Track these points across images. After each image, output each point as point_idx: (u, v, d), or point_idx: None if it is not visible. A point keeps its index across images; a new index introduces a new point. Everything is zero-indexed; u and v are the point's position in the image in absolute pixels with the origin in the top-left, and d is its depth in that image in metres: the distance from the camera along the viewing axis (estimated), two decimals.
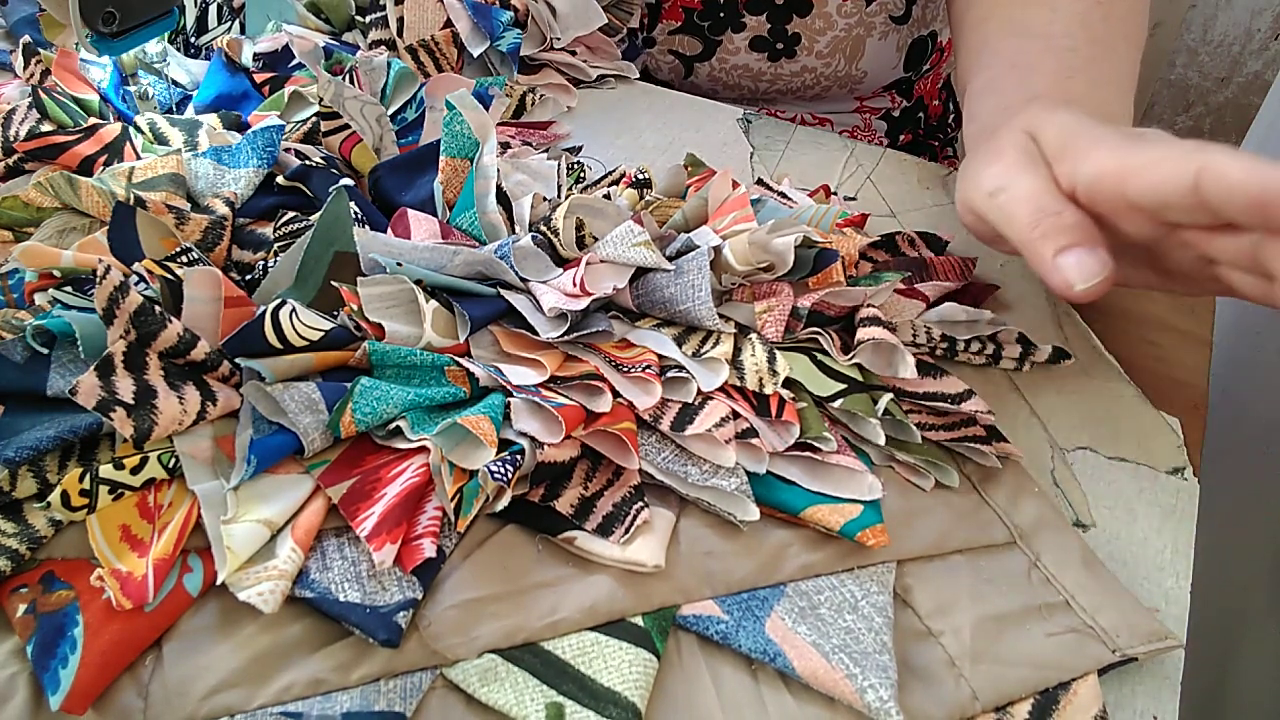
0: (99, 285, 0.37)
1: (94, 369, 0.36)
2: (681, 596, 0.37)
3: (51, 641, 0.33)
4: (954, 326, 0.48)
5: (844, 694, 0.34)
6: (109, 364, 0.36)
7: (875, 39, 0.80)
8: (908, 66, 0.85)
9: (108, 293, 0.37)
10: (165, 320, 0.38)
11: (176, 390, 0.38)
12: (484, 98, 0.61)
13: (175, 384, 0.38)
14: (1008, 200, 0.41)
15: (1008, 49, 0.58)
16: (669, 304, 0.44)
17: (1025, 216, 0.40)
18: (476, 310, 0.43)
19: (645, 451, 0.41)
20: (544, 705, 0.33)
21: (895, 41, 0.82)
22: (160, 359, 0.38)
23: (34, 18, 0.63)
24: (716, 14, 0.78)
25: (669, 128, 0.66)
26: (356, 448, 0.40)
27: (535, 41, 0.68)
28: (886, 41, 0.81)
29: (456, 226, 0.49)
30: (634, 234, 0.44)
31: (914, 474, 0.43)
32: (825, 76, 0.82)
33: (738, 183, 0.52)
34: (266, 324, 0.40)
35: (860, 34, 0.80)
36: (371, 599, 0.35)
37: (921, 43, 0.85)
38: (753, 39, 0.79)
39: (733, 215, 0.47)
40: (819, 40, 0.79)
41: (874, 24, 0.79)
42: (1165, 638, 0.37)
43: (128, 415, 0.36)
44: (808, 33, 0.79)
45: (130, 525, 0.36)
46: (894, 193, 0.62)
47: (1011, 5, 0.60)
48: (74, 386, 0.35)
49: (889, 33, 0.81)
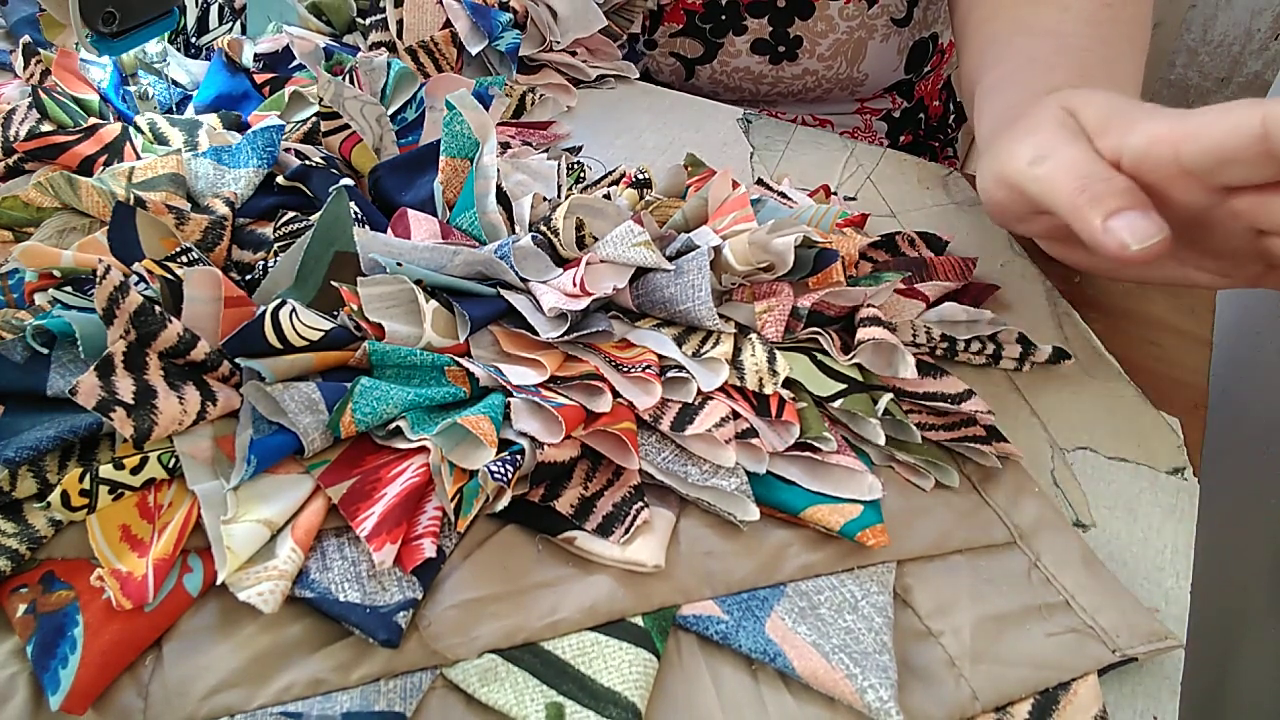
0: (99, 285, 0.37)
1: (94, 369, 0.36)
2: (681, 596, 0.37)
3: (51, 641, 0.33)
4: (954, 326, 0.48)
5: (844, 694, 0.34)
6: (109, 364, 0.36)
7: (877, 41, 0.80)
8: (909, 69, 0.85)
9: (107, 293, 0.37)
10: (165, 320, 0.38)
11: (176, 390, 0.38)
12: (484, 98, 0.61)
13: (175, 384, 0.38)
14: (1053, 168, 0.40)
15: (1021, 46, 0.57)
16: (669, 304, 0.44)
17: (1071, 182, 0.39)
18: (476, 310, 0.43)
19: (645, 451, 0.41)
20: (544, 705, 0.33)
21: (896, 44, 0.82)
22: (160, 359, 0.38)
23: (34, 18, 0.63)
24: (718, 16, 0.78)
25: (669, 128, 0.66)
26: (356, 448, 0.40)
27: (535, 42, 0.68)
28: (888, 44, 0.81)
29: (456, 226, 0.49)
30: (634, 234, 0.44)
31: (914, 474, 0.43)
32: (826, 79, 0.82)
33: (738, 182, 0.52)
34: (266, 324, 0.40)
35: (862, 36, 0.79)
36: (371, 599, 0.35)
37: (922, 45, 0.85)
38: (754, 41, 0.79)
39: (733, 215, 0.47)
40: (820, 43, 0.79)
41: (875, 26, 0.79)
42: (1165, 638, 0.37)
43: (128, 415, 0.36)
44: (809, 35, 0.79)
45: (130, 525, 0.36)
46: (894, 193, 0.62)
47: (1020, 4, 0.59)
48: (74, 387, 0.35)
49: (890, 35, 0.81)
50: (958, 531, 0.40)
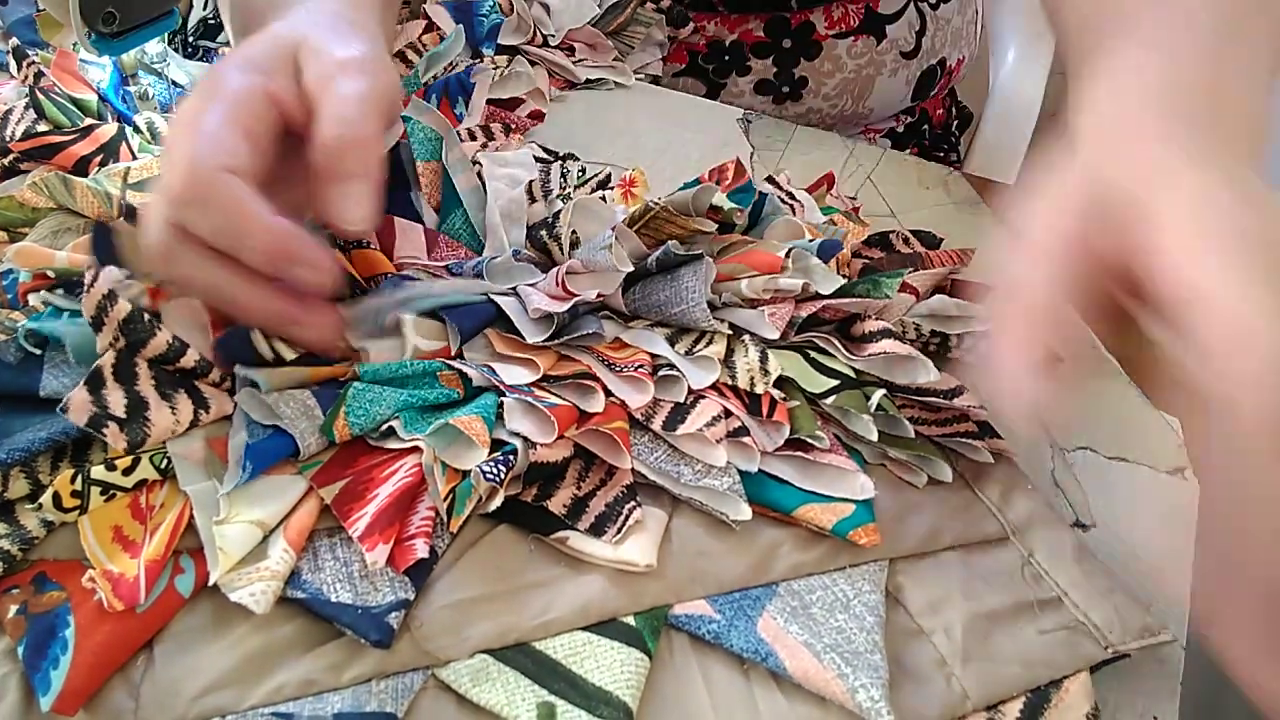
0: (87, 293, 0.36)
1: (84, 384, 0.36)
2: (673, 596, 0.37)
3: (43, 642, 0.33)
4: (946, 321, 0.48)
5: (835, 694, 0.34)
6: (99, 377, 0.36)
7: (885, 76, 0.79)
8: (916, 96, 0.83)
9: (95, 300, 0.37)
10: (154, 328, 0.38)
11: (168, 400, 0.38)
12: (466, 83, 0.60)
13: (167, 393, 0.38)
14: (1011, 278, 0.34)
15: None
16: (664, 306, 0.44)
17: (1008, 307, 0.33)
18: (467, 321, 0.43)
19: (638, 451, 0.41)
20: (535, 705, 0.33)
21: (904, 76, 0.80)
22: (150, 366, 0.38)
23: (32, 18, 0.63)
24: (721, 57, 0.77)
25: (669, 128, 0.66)
26: (349, 448, 0.40)
27: (521, 33, 0.67)
28: (896, 77, 0.79)
29: (446, 231, 0.49)
30: (604, 239, 0.44)
31: (906, 471, 0.42)
32: (831, 115, 0.81)
33: (745, 170, 0.52)
34: (257, 335, 0.39)
35: (869, 74, 0.78)
36: (363, 599, 0.35)
37: (931, 71, 0.83)
38: (758, 82, 0.78)
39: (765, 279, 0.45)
40: (826, 83, 0.77)
41: (884, 62, 0.78)
42: (1159, 633, 0.37)
43: (120, 430, 0.36)
44: (815, 76, 0.77)
45: (122, 526, 0.36)
46: (894, 193, 0.61)
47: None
48: (65, 404, 0.35)
49: (899, 69, 0.79)
50: (950, 527, 0.40)
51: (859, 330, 0.45)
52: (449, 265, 0.47)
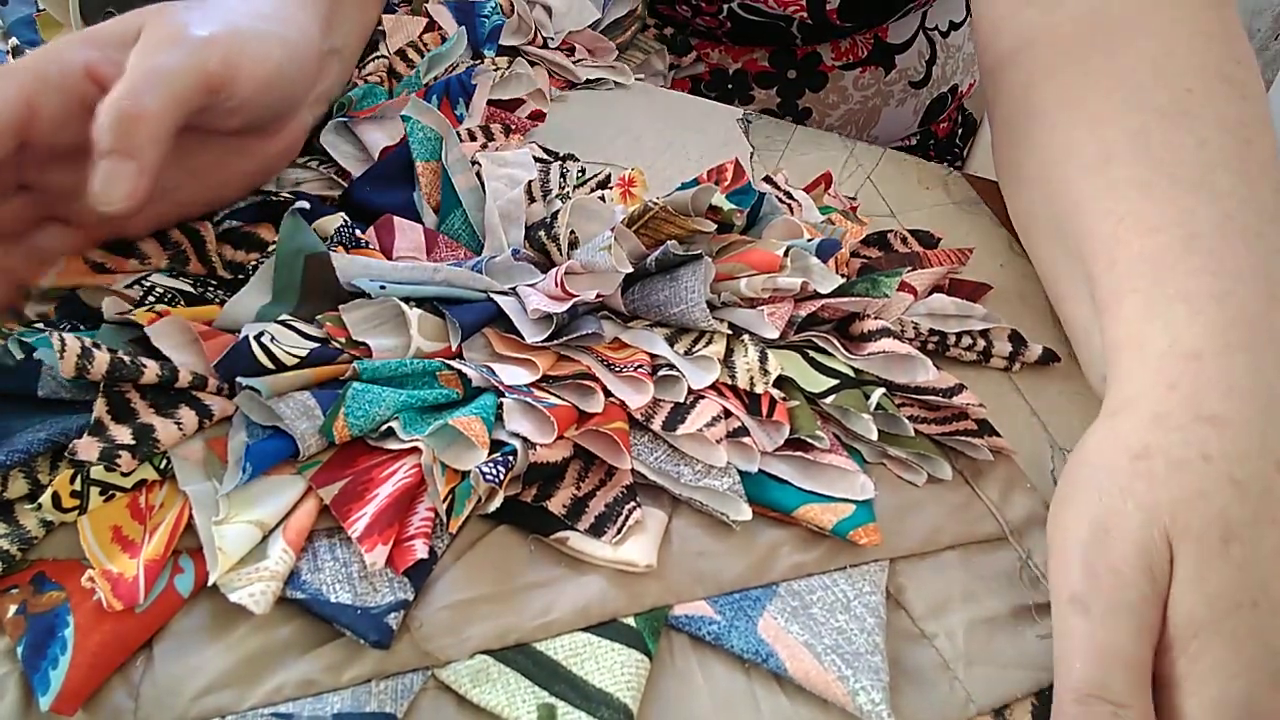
0: (61, 361, 0.36)
1: (88, 431, 0.36)
2: (674, 597, 0.37)
3: (42, 642, 0.33)
4: (944, 320, 0.48)
5: (836, 696, 0.34)
6: (100, 425, 0.36)
7: (892, 107, 0.77)
8: (924, 123, 0.81)
9: (73, 363, 0.36)
10: (140, 368, 0.37)
11: (172, 417, 0.38)
12: (467, 84, 0.60)
13: (169, 412, 0.38)
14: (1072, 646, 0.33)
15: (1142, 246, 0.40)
16: (663, 307, 0.44)
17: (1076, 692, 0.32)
18: (467, 316, 0.43)
19: (638, 451, 0.41)
20: (536, 706, 0.33)
21: (913, 106, 0.78)
22: (146, 396, 0.38)
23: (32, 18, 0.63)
24: (724, 86, 0.75)
25: (669, 128, 0.65)
26: (349, 448, 0.39)
27: (522, 34, 0.67)
28: (904, 107, 0.78)
29: (446, 232, 0.49)
30: (603, 239, 0.44)
31: (906, 470, 0.42)
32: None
33: (744, 171, 0.52)
34: (254, 346, 0.39)
35: (876, 105, 0.76)
36: (363, 600, 0.35)
37: (941, 99, 0.81)
38: (760, 112, 0.78)
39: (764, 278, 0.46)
40: (831, 114, 0.76)
41: (892, 92, 0.76)
42: None
43: (133, 456, 0.36)
44: (820, 107, 0.75)
45: (121, 526, 0.36)
46: (894, 193, 0.61)
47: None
48: (72, 448, 0.35)
49: (907, 99, 0.77)
50: (950, 526, 0.40)
51: (858, 329, 0.45)
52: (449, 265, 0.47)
